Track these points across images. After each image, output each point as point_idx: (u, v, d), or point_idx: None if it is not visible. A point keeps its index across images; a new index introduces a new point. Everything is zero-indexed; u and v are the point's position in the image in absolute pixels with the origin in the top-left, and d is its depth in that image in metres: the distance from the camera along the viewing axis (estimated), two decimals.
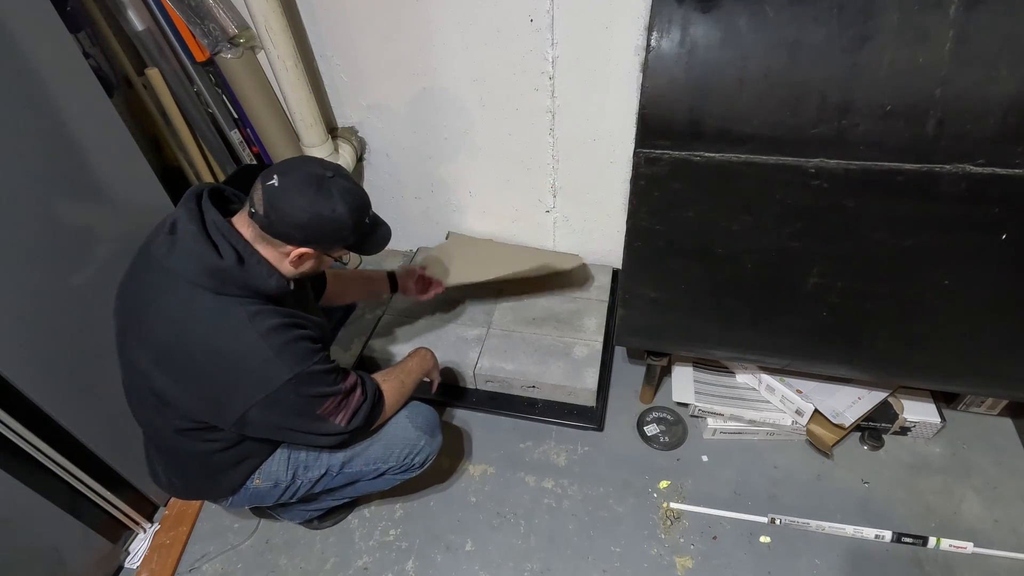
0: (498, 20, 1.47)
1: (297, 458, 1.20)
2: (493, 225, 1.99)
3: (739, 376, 1.60)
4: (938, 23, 0.87)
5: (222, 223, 0.96)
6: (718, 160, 1.03)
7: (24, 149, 1.10)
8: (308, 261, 1.01)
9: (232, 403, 0.98)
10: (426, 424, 1.26)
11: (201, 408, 1.01)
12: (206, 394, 0.99)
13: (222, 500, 1.21)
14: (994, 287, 1.06)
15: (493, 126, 1.70)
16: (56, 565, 1.25)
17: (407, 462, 1.24)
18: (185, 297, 0.94)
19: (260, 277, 0.96)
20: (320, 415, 1.03)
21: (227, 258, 0.94)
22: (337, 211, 0.95)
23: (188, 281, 0.94)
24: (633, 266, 1.25)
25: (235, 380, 0.97)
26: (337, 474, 1.22)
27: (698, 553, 1.37)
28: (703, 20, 0.95)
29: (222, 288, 0.94)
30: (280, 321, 0.98)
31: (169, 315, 0.96)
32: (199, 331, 0.95)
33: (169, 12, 1.55)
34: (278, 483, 1.19)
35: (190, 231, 0.93)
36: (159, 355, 0.98)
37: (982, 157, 0.92)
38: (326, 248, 1.01)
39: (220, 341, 0.95)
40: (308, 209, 0.94)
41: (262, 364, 0.95)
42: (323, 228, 0.96)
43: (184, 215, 0.95)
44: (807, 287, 1.15)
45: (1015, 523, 1.38)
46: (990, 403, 1.56)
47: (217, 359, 0.95)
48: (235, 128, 1.81)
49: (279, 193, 0.93)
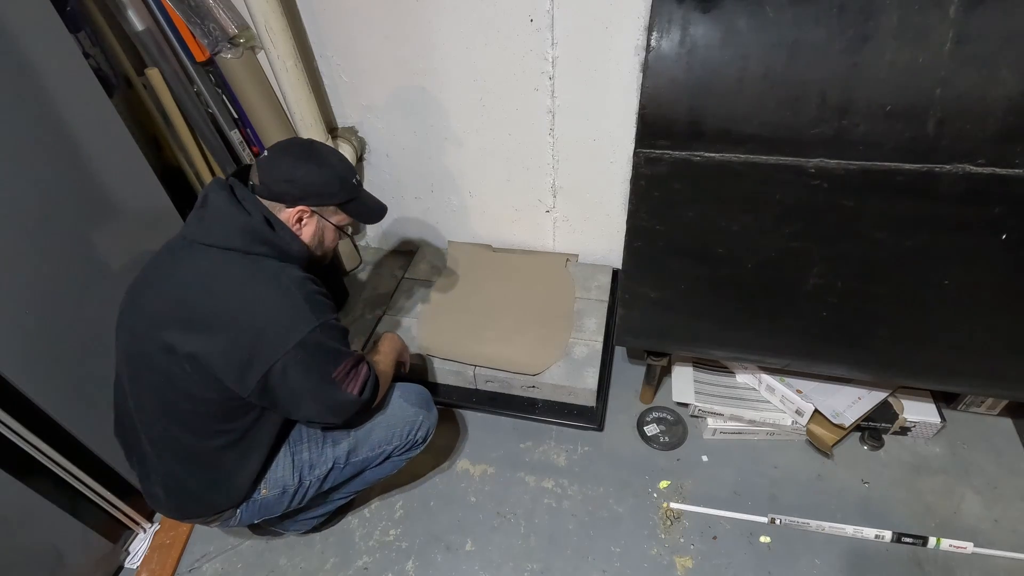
0: (498, 20, 1.47)
1: (301, 459, 1.20)
2: (493, 225, 1.99)
3: (739, 376, 1.60)
4: (938, 23, 0.87)
5: (249, 195, 1.07)
6: (718, 160, 1.03)
7: (24, 149, 1.10)
8: (309, 224, 1.10)
9: (261, 356, 1.00)
10: (420, 399, 1.30)
11: (227, 368, 1.00)
12: (236, 347, 1.00)
13: (230, 515, 1.18)
14: (994, 287, 1.06)
15: (493, 126, 1.70)
16: (56, 565, 1.25)
17: (410, 439, 1.27)
18: (216, 259, 1.02)
19: (285, 240, 1.06)
20: (335, 379, 1.07)
21: (256, 219, 1.03)
22: (323, 164, 1.09)
23: (218, 247, 1.01)
24: (633, 266, 1.25)
25: (265, 328, 1.00)
26: (345, 465, 1.22)
27: (698, 553, 1.37)
28: (703, 20, 0.95)
29: (252, 247, 1.02)
30: (304, 276, 1.06)
31: (199, 278, 1.02)
32: (231, 284, 1.01)
33: (169, 12, 1.55)
34: (286, 489, 1.19)
35: (221, 197, 1.03)
36: (188, 318, 1.00)
37: (982, 157, 0.92)
38: (320, 203, 1.10)
39: (252, 291, 1.01)
40: (296, 164, 1.06)
41: (291, 310, 1.01)
42: (312, 181, 1.07)
43: (215, 187, 1.05)
44: (807, 287, 1.15)
45: (1015, 523, 1.38)
46: (990, 403, 1.56)
47: (249, 307, 1.00)
48: (235, 128, 1.81)
49: (269, 159, 1.07)
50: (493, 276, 1.92)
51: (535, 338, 1.70)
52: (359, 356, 1.13)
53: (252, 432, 1.12)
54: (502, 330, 1.73)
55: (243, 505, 1.18)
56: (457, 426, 1.68)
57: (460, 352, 1.68)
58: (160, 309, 1.03)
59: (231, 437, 1.09)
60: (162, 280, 1.05)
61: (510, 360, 1.65)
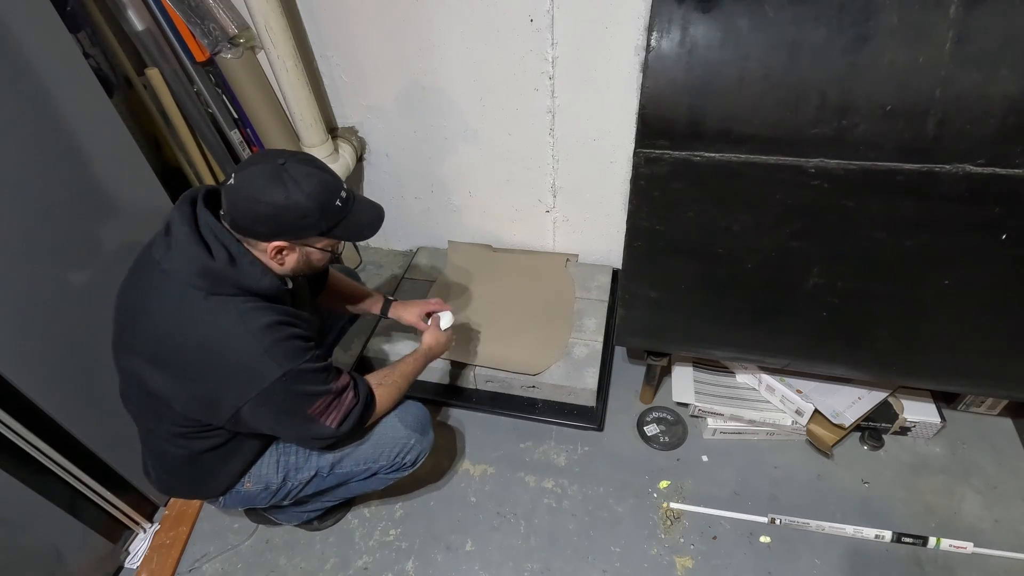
0: (498, 20, 1.47)
1: (288, 461, 1.20)
2: (493, 225, 1.99)
3: (739, 376, 1.60)
4: (938, 23, 0.87)
5: (215, 224, 0.96)
6: (718, 160, 1.03)
7: (24, 149, 1.10)
8: (290, 255, 1.00)
9: (225, 401, 0.98)
10: (416, 423, 1.25)
11: (196, 407, 1.01)
12: (200, 392, 0.99)
13: (212, 500, 1.22)
14: (994, 287, 1.06)
15: (493, 126, 1.70)
16: (56, 565, 1.25)
17: (398, 461, 1.23)
18: (178, 296, 0.95)
19: (252, 277, 0.96)
20: (311, 415, 1.03)
21: (219, 259, 0.94)
22: (292, 197, 0.92)
23: (182, 282, 0.94)
24: (633, 266, 1.25)
25: (227, 377, 0.96)
26: (328, 475, 1.22)
27: (698, 553, 1.37)
28: (703, 20, 0.95)
29: (215, 288, 0.94)
30: (272, 319, 0.97)
31: (164, 314, 0.96)
32: (191, 329, 0.95)
33: (169, 12, 1.55)
34: (268, 486, 1.20)
35: (183, 232, 0.94)
36: (155, 354, 0.98)
37: (982, 157, 0.92)
38: (297, 238, 0.98)
39: (212, 339, 0.95)
40: (263, 200, 0.92)
41: (253, 361, 0.95)
42: (284, 217, 0.94)
43: (177, 217, 0.95)
44: (807, 287, 1.15)
45: (1015, 523, 1.37)
46: (990, 403, 1.56)
47: (209, 357, 0.96)
48: (235, 128, 1.81)
49: (236, 190, 0.93)
50: (493, 276, 1.92)
51: (535, 338, 1.70)
52: (344, 384, 1.07)
53: (233, 442, 1.12)
54: (502, 330, 1.73)
55: (225, 495, 1.20)
56: (457, 426, 1.68)
57: (460, 352, 1.68)
58: (133, 334, 1.01)
59: (216, 442, 1.10)
60: (140, 304, 1.00)
61: (510, 360, 1.65)
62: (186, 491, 1.25)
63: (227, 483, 1.17)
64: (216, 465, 1.14)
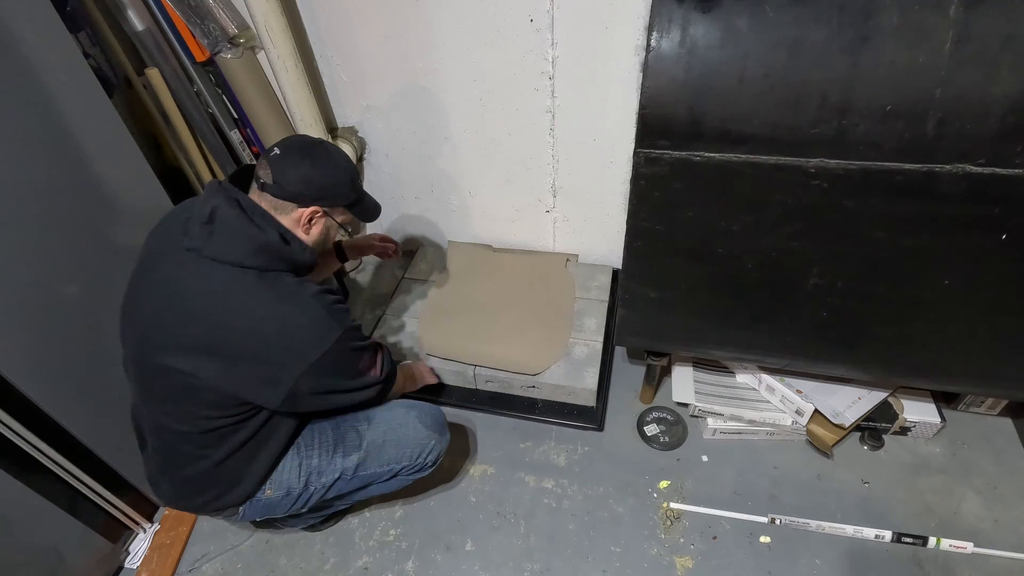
0: (498, 20, 1.47)
1: (310, 464, 1.19)
2: (493, 225, 1.99)
3: (739, 376, 1.60)
4: (938, 23, 0.87)
5: (256, 206, 1.04)
6: (718, 160, 1.03)
7: (24, 149, 1.10)
8: (317, 225, 1.09)
9: (286, 373, 1.02)
10: (434, 423, 1.29)
11: (251, 388, 1.03)
12: (260, 371, 1.01)
13: (232, 512, 1.19)
14: (994, 287, 1.06)
15: (493, 126, 1.70)
16: (56, 565, 1.25)
17: (419, 461, 1.26)
18: (229, 279, 0.99)
19: (299, 252, 1.05)
20: (361, 370, 1.12)
21: (271, 236, 1.02)
22: (337, 165, 1.08)
23: (232, 264, 0.99)
24: (633, 266, 1.25)
25: (291, 347, 1.02)
26: (352, 477, 1.22)
27: (698, 553, 1.37)
28: (703, 20, 0.95)
29: (269, 264, 1.01)
30: (318, 288, 1.06)
31: (216, 301, 0.99)
32: (251, 309, 1.00)
33: (169, 12, 1.55)
34: (290, 491, 1.19)
35: (233, 215, 1.00)
36: (210, 343, 1.00)
37: (982, 157, 0.92)
38: (331, 204, 1.09)
39: (274, 313, 1.00)
40: (312, 165, 1.04)
41: (316, 325, 1.03)
42: (327, 180, 1.06)
43: (221, 201, 1.01)
44: (807, 287, 1.15)
45: (1015, 523, 1.38)
46: (990, 403, 1.56)
47: (272, 330, 1.00)
48: (235, 128, 1.81)
49: (283, 158, 1.03)
50: (493, 276, 1.92)
51: (535, 338, 1.70)
52: (374, 344, 1.19)
53: (262, 434, 1.12)
54: (502, 330, 1.73)
55: (246, 504, 1.18)
56: (457, 426, 1.68)
57: (460, 352, 1.68)
58: (174, 329, 1.00)
59: (240, 440, 1.10)
60: (171, 296, 1.01)
61: (510, 360, 1.65)
62: (208, 502, 1.17)
63: (249, 489, 1.15)
64: (241, 467, 1.13)
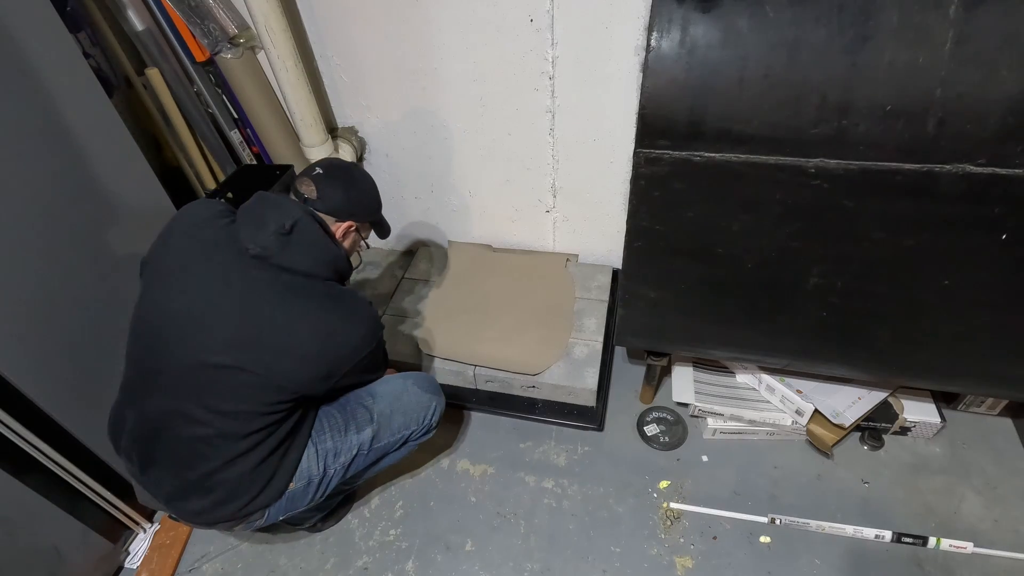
0: (498, 20, 1.47)
1: (325, 448, 1.20)
2: (493, 225, 1.99)
3: (739, 376, 1.60)
4: (938, 23, 0.87)
5: (324, 222, 1.15)
6: (718, 160, 1.03)
7: (24, 149, 1.10)
8: (349, 237, 1.22)
9: (340, 368, 1.13)
10: (430, 386, 1.39)
11: (310, 382, 1.11)
12: (324, 367, 1.11)
13: (259, 516, 1.16)
14: (994, 287, 1.06)
15: (493, 126, 1.70)
16: (56, 565, 1.25)
17: (426, 423, 1.35)
18: (295, 285, 1.09)
19: (345, 262, 1.18)
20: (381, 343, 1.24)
21: (342, 252, 1.17)
22: (369, 184, 1.26)
23: (303, 273, 1.09)
24: (633, 266, 1.25)
25: (350, 345, 1.14)
26: (368, 451, 1.26)
27: (698, 553, 1.37)
28: (703, 20, 0.95)
29: (330, 275, 1.14)
30: (362, 293, 1.19)
31: (288, 308, 1.07)
32: (324, 313, 1.10)
33: (169, 12, 1.55)
34: (311, 479, 1.19)
35: (315, 229, 1.12)
36: (282, 346, 1.06)
37: (982, 157, 0.92)
38: (363, 219, 1.23)
39: (340, 317, 1.12)
40: (352, 183, 1.20)
41: (369, 329, 1.16)
42: (365, 196, 1.24)
43: (304, 217, 1.10)
44: (807, 287, 1.15)
45: (1015, 523, 1.38)
46: (990, 403, 1.56)
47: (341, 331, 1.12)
48: (235, 128, 1.82)
49: (326, 176, 1.17)
50: (493, 276, 1.92)
51: (535, 338, 1.70)
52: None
53: (294, 429, 1.15)
54: (502, 330, 1.73)
55: (272, 506, 1.16)
56: (457, 426, 1.68)
57: (460, 352, 1.68)
58: (243, 331, 1.04)
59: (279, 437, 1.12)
60: (237, 299, 1.04)
61: (510, 360, 1.65)
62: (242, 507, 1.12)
63: (280, 486, 1.14)
64: (275, 465, 1.13)
